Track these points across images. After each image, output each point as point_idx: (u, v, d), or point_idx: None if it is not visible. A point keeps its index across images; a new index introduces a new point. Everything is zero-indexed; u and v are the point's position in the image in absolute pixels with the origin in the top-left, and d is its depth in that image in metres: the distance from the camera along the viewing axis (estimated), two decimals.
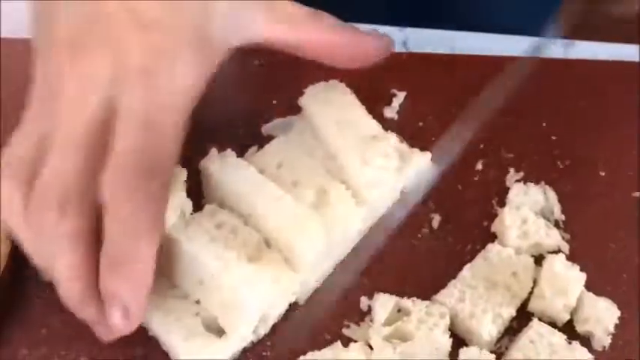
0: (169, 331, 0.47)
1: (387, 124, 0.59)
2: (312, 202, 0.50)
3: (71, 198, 0.42)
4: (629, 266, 0.53)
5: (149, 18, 0.43)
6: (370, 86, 0.58)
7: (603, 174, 0.57)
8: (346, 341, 0.49)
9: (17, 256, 0.50)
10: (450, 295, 0.50)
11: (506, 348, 0.49)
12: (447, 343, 0.48)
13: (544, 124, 0.60)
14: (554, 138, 0.59)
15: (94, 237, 0.43)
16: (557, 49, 0.63)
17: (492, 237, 0.54)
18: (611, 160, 0.58)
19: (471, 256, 0.52)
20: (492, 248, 0.52)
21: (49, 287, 0.47)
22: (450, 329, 0.49)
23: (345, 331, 0.50)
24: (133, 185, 0.42)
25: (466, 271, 0.51)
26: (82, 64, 0.43)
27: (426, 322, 0.48)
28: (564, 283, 0.49)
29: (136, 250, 0.42)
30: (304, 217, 0.48)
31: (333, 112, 0.53)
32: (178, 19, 0.44)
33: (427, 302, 0.49)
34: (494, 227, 0.54)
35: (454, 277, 0.51)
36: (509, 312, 0.49)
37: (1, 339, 0.49)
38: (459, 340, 0.49)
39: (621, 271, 0.52)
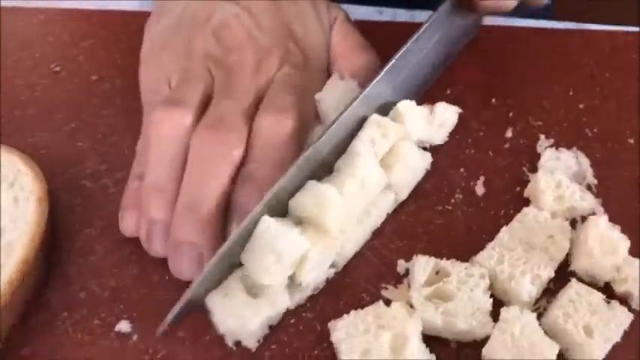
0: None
1: None
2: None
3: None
4: None
5: None
6: None
7: (632, 141, 0.58)
8: (385, 303, 0.48)
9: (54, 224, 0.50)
10: (489, 257, 0.50)
11: (545, 309, 0.49)
12: (487, 302, 0.48)
13: (571, 93, 0.60)
14: (581, 106, 0.59)
15: None
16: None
17: (525, 202, 0.54)
18: (639, 128, 0.58)
19: (505, 221, 0.52)
20: (529, 212, 0.52)
21: (83, 255, 0.48)
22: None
23: (384, 293, 0.50)
24: None
25: (503, 234, 0.51)
26: None
27: (466, 283, 0.49)
28: (611, 243, 0.50)
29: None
30: (321, 189, 0.49)
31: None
32: None
33: (466, 264, 0.50)
34: (528, 192, 0.54)
35: (489, 240, 0.51)
36: (548, 273, 0.49)
37: (40, 302, 0.49)
38: (498, 301, 0.49)
39: None
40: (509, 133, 0.58)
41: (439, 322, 0.47)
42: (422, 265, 0.49)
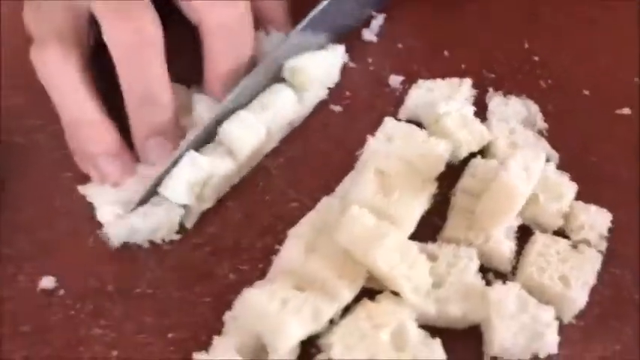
0: None
1: (366, 47, 0.58)
2: None
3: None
4: (615, 179, 0.51)
5: None
6: None
7: (587, 92, 0.56)
8: (370, 293, 0.45)
9: None
10: (457, 227, 0.48)
11: (515, 268, 0.47)
12: (480, 284, 0.45)
13: (526, 45, 0.58)
14: (536, 58, 0.57)
15: None
16: None
17: (474, 154, 0.52)
18: (594, 79, 0.56)
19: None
20: (477, 162, 0.50)
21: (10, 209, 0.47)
22: None
23: (367, 284, 0.45)
24: None
25: (459, 192, 0.49)
26: None
27: (455, 266, 0.45)
28: (557, 189, 0.48)
29: None
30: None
31: None
32: None
33: (453, 245, 0.47)
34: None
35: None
36: (517, 222, 0.48)
37: None
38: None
39: (607, 183, 0.51)
40: None
41: (432, 310, 0.44)
42: None
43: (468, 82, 0.54)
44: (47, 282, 0.46)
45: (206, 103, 0.52)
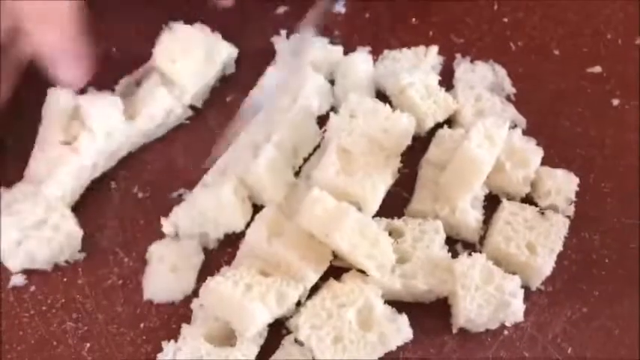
0: None
1: (334, 17, 0.57)
2: None
3: None
4: (584, 140, 0.51)
5: None
6: None
7: (557, 52, 0.55)
8: (338, 272, 0.45)
9: None
10: (423, 199, 0.47)
11: (483, 238, 0.47)
12: (446, 258, 0.45)
13: (495, 7, 0.57)
14: (505, 20, 0.56)
15: None
16: None
17: (441, 125, 0.51)
18: (564, 38, 0.55)
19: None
20: (443, 133, 0.50)
21: None
22: None
23: (333, 262, 0.45)
24: None
25: (425, 164, 0.49)
26: None
27: (421, 240, 0.45)
28: (523, 155, 0.48)
29: None
30: None
31: None
32: None
33: (419, 220, 0.46)
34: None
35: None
36: (483, 192, 0.47)
37: None
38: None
39: (575, 146, 0.50)
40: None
41: (398, 286, 0.44)
42: None
43: (434, 49, 0.54)
44: (17, 279, 0.47)
45: None
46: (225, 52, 0.53)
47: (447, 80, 0.53)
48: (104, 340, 0.45)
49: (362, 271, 0.44)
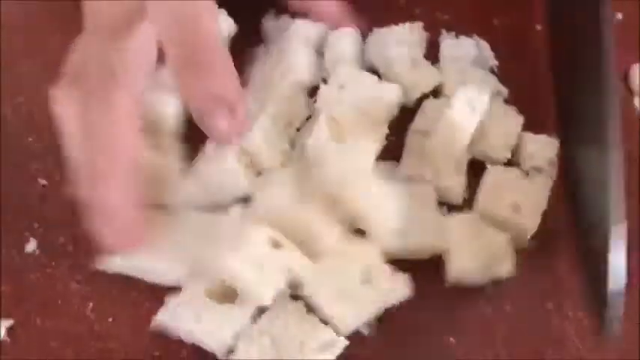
0: None
1: None
2: None
3: None
4: (566, 110, 0.53)
5: None
6: None
7: (539, 28, 0.57)
8: None
9: None
10: (410, 165, 0.49)
11: (467, 201, 0.49)
12: (439, 214, 0.48)
13: None
14: None
15: None
16: None
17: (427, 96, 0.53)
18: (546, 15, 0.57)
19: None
20: (428, 103, 0.52)
21: None
22: None
23: None
24: None
25: (412, 133, 0.51)
26: None
27: (415, 200, 0.48)
28: (504, 121, 0.50)
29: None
30: None
31: None
32: None
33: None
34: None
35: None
36: (466, 157, 0.49)
37: None
38: None
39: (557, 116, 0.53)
40: None
41: (396, 244, 0.46)
42: None
43: (419, 25, 0.56)
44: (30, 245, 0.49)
45: None
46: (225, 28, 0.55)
47: (432, 55, 0.55)
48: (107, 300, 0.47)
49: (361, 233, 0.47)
